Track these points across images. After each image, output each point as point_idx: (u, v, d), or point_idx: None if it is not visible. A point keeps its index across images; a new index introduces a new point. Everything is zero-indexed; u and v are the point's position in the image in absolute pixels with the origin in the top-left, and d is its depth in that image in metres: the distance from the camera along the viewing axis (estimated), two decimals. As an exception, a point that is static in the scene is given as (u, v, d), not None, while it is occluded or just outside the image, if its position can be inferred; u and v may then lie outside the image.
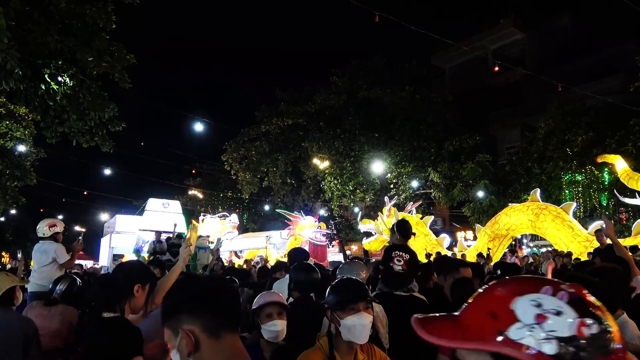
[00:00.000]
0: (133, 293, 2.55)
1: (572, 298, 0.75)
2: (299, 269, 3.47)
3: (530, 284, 0.79)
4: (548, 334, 0.72)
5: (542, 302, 0.75)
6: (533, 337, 0.73)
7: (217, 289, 1.32)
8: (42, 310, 4.24)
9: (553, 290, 0.77)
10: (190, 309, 1.24)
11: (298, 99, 26.23)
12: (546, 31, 27.11)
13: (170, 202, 21.68)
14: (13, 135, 15.24)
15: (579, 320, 0.73)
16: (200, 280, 1.36)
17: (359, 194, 23.42)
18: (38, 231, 6.18)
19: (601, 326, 0.73)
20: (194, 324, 1.22)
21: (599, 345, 0.72)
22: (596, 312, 0.75)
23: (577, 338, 0.71)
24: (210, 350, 1.21)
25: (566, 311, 0.74)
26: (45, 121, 8.34)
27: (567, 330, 0.72)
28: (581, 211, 17.08)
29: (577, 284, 0.80)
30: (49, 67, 7.59)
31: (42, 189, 23.76)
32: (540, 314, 0.74)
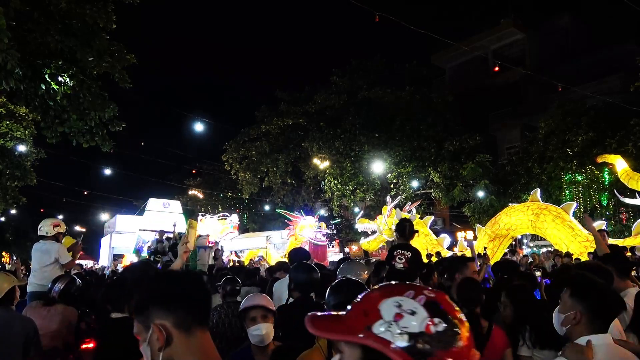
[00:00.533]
0: None
1: (428, 302, 0.89)
2: (299, 269, 3.48)
3: (399, 289, 0.93)
4: (402, 329, 0.86)
5: (403, 303, 0.90)
6: (391, 332, 0.86)
7: (188, 284, 1.33)
8: (41, 310, 4.24)
9: (415, 294, 0.91)
10: (162, 304, 1.25)
11: (298, 99, 26.25)
12: (546, 31, 27.10)
13: (170, 202, 21.70)
14: (13, 135, 15.24)
15: (428, 319, 0.87)
16: (173, 275, 1.37)
17: (359, 194, 23.41)
18: (40, 230, 6.07)
19: (447, 326, 0.87)
20: (166, 318, 1.23)
21: (442, 340, 0.85)
22: (449, 314, 0.88)
23: (424, 334, 0.85)
24: (181, 345, 1.22)
25: (420, 312, 0.88)
26: (45, 121, 8.34)
27: (417, 327, 0.86)
28: (581, 211, 17.06)
29: (440, 291, 0.95)
30: (49, 67, 7.59)
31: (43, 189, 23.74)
32: (399, 313, 0.88)
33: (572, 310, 2.09)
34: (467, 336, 0.89)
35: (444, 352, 0.85)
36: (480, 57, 25.33)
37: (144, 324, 1.25)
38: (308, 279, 3.37)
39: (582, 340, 1.98)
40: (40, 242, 6.04)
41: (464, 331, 0.89)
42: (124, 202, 30.88)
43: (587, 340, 1.95)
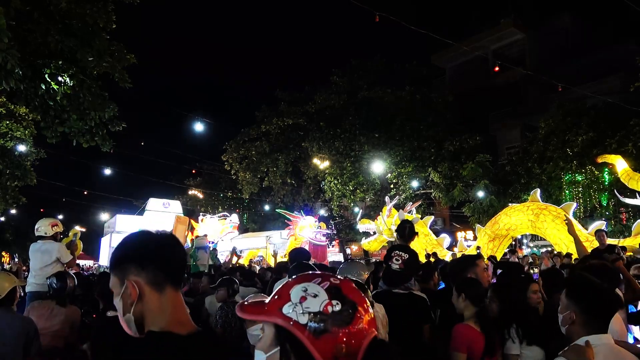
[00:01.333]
0: None
1: (331, 287, 1.04)
2: (296, 269, 3.53)
3: (309, 277, 1.08)
4: (304, 309, 1.01)
5: (309, 288, 1.05)
6: (295, 312, 1.01)
7: (164, 245, 1.38)
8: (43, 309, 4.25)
9: (321, 281, 1.06)
10: (137, 261, 1.31)
11: (298, 99, 26.24)
12: (546, 31, 27.09)
13: (170, 202, 21.69)
14: (13, 135, 15.24)
15: (327, 301, 1.01)
16: (150, 235, 1.40)
17: (359, 194, 23.41)
18: (38, 230, 6.03)
19: (344, 307, 1.01)
20: (139, 275, 1.30)
21: (338, 319, 1.00)
22: (348, 298, 1.03)
23: (322, 313, 1.00)
24: (152, 302, 1.29)
25: (321, 295, 1.02)
26: (45, 121, 8.33)
27: (317, 307, 1.01)
28: (581, 211, 17.08)
29: (347, 280, 1.10)
30: (49, 67, 7.59)
31: (42, 188, 23.77)
32: (303, 296, 1.03)
33: (567, 310, 2.11)
34: (366, 319, 1.03)
35: (339, 329, 0.99)
36: (480, 57, 25.33)
37: (120, 279, 1.31)
38: None
39: (582, 340, 1.98)
40: (39, 242, 6.00)
41: (363, 314, 1.03)
42: (124, 202, 30.90)
43: (585, 341, 1.95)
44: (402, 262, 3.39)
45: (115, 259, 1.35)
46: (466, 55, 27.12)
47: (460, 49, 25.36)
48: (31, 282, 5.86)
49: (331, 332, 0.99)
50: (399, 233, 4.52)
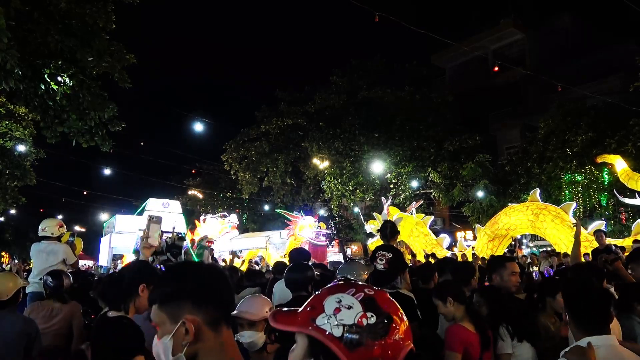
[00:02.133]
0: (138, 292, 2.54)
1: (366, 298, 1.03)
2: (292, 269, 3.58)
3: (343, 287, 1.06)
4: (339, 321, 1.00)
5: (343, 299, 1.03)
6: (329, 324, 1.00)
7: (219, 280, 1.30)
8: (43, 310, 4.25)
9: (355, 292, 1.04)
10: (194, 298, 1.22)
11: (298, 99, 26.23)
12: (546, 31, 27.08)
13: (170, 202, 21.65)
14: (13, 135, 15.24)
15: (362, 313, 1.00)
16: (203, 268, 1.34)
17: (359, 194, 23.41)
18: (45, 230, 5.98)
19: (379, 320, 1.00)
20: (197, 314, 1.21)
21: (372, 332, 0.99)
22: (383, 310, 1.02)
23: (357, 325, 0.99)
24: (209, 342, 1.21)
25: (355, 307, 1.01)
26: (45, 121, 8.32)
27: (351, 319, 1.00)
28: (581, 211, 17.08)
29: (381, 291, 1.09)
30: (48, 67, 7.59)
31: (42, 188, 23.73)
32: (338, 308, 1.02)
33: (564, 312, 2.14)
34: (401, 330, 1.02)
35: (374, 342, 0.98)
36: (480, 57, 25.33)
37: (170, 316, 1.22)
38: (299, 278, 3.46)
39: (584, 341, 1.98)
40: (44, 242, 5.95)
41: (399, 325, 1.03)
42: (124, 202, 30.88)
43: (587, 342, 1.96)
44: (386, 262, 3.46)
45: (167, 294, 1.25)
46: (466, 55, 27.12)
47: (460, 49, 25.37)
48: (33, 282, 5.76)
49: (366, 345, 0.98)
50: (382, 233, 4.62)
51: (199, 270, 1.32)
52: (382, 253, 3.52)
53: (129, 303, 2.52)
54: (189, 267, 1.35)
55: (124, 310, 2.51)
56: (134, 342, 2.34)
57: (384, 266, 3.45)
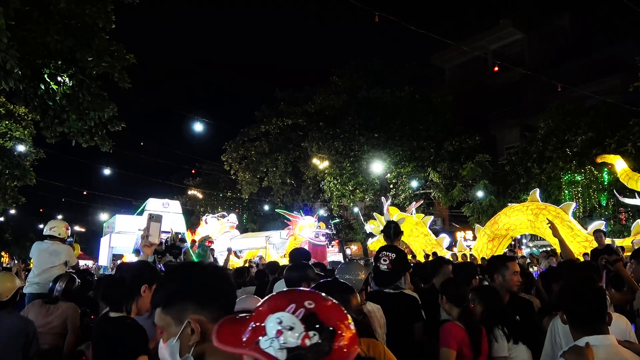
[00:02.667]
0: (140, 293, 2.54)
1: (307, 314, 0.98)
2: (291, 268, 3.60)
3: (282, 303, 1.01)
4: (282, 345, 0.95)
5: (283, 319, 0.98)
6: (273, 348, 0.96)
7: (221, 279, 1.31)
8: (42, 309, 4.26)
9: (296, 307, 0.99)
10: (198, 298, 1.23)
11: (298, 99, 26.24)
12: (546, 31, 27.08)
13: (170, 202, 21.67)
14: (12, 135, 15.26)
15: (304, 333, 0.95)
16: (206, 268, 1.34)
17: (359, 194, 23.41)
18: (53, 230, 5.96)
19: (322, 336, 0.96)
20: (202, 313, 1.21)
21: (317, 350, 0.95)
22: (326, 325, 0.97)
23: (300, 347, 0.94)
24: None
25: (297, 327, 0.97)
26: (44, 121, 8.32)
27: (294, 341, 0.95)
28: (580, 211, 17.08)
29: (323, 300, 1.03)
30: (48, 67, 7.59)
31: (42, 188, 23.78)
32: (280, 330, 0.97)
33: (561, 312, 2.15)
34: (346, 338, 0.99)
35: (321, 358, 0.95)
36: (480, 57, 25.30)
37: (175, 318, 1.22)
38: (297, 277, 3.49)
39: (583, 341, 1.98)
40: (47, 242, 5.93)
41: (344, 336, 0.99)
42: (124, 202, 30.86)
43: (585, 342, 1.96)
44: (389, 262, 3.46)
45: (170, 297, 1.25)
46: (466, 55, 27.10)
47: (460, 49, 25.35)
48: (33, 282, 5.74)
49: None
50: (385, 234, 4.62)
51: (201, 270, 1.32)
52: (385, 253, 3.52)
53: (131, 304, 2.52)
54: (190, 268, 1.35)
55: (125, 311, 2.51)
56: (137, 342, 2.35)
57: (388, 266, 3.45)
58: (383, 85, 23.60)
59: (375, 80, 24.60)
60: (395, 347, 2.47)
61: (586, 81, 20.59)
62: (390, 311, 3.17)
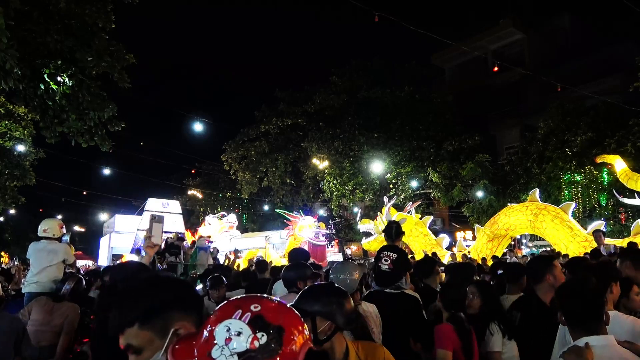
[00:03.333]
0: None
1: (253, 317, 1.01)
2: (289, 267, 3.61)
3: (228, 311, 1.03)
4: (232, 351, 0.97)
5: (231, 326, 1.00)
6: (224, 355, 0.97)
7: (188, 286, 1.38)
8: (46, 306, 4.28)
9: (242, 313, 1.02)
10: (181, 305, 1.25)
11: (298, 99, 26.25)
12: (546, 31, 27.08)
13: (169, 202, 21.66)
14: (12, 135, 15.25)
15: (252, 336, 0.98)
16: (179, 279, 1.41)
17: (359, 194, 23.42)
18: (46, 231, 6.02)
19: (270, 336, 0.99)
20: (187, 320, 1.22)
21: (266, 350, 0.98)
22: (273, 324, 1.01)
23: (250, 350, 0.97)
24: None
25: (245, 331, 0.99)
26: (44, 121, 8.33)
27: (243, 346, 0.97)
28: (580, 211, 17.08)
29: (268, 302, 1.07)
30: (48, 67, 7.59)
31: (41, 188, 23.74)
32: (228, 337, 0.99)
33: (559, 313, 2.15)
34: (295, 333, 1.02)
35: (271, 358, 0.98)
36: (479, 57, 25.29)
37: (158, 331, 1.20)
38: (296, 276, 3.49)
39: (582, 341, 1.98)
40: (44, 241, 5.99)
41: (292, 332, 1.02)
42: (123, 201, 30.81)
43: (585, 342, 1.96)
44: (390, 262, 3.44)
45: (148, 311, 1.22)
46: (466, 56, 27.09)
47: (460, 49, 25.34)
48: (32, 281, 5.77)
49: None
50: (386, 234, 4.61)
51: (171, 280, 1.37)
52: (386, 253, 3.50)
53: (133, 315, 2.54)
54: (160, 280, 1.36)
55: None
56: None
57: (389, 266, 3.44)
58: (383, 85, 23.61)
59: (375, 80, 24.60)
60: (396, 347, 2.46)
61: (586, 81, 20.59)
62: (391, 311, 3.17)
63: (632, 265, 3.27)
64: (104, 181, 31.46)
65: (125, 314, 1.24)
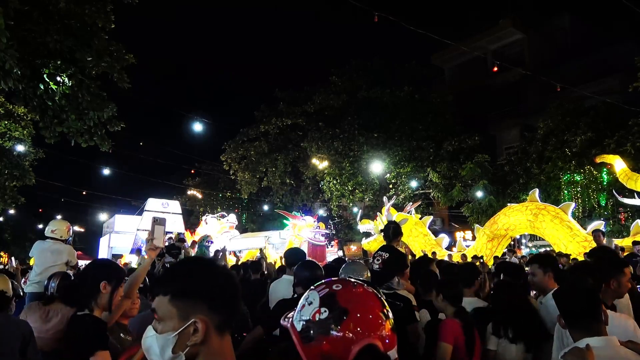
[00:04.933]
0: (100, 290, 2.55)
1: (327, 294, 1.10)
2: (303, 267, 3.59)
3: (321, 285, 1.15)
4: (301, 317, 1.10)
5: (310, 296, 1.12)
6: (296, 320, 1.11)
7: (236, 286, 1.27)
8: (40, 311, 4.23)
9: (324, 287, 1.12)
10: (210, 300, 1.19)
11: (297, 99, 26.25)
12: (546, 31, 27.08)
13: (169, 202, 21.66)
14: (12, 135, 15.25)
15: (317, 309, 1.07)
16: (221, 270, 1.28)
17: (358, 194, 23.41)
18: (55, 232, 6.00)
19: (331, 315, 1.05)
20: (210, 316, 1.18)
21: (322, 327, 1.05)
22: (340, 305, 1.06)
23: (310, 321, 1.07)
24: (213, 346, 1.18)
25: (314, 303, 1.09)
26: (44, 121, 8.32)
27: (308, 315, 1.08)
28: (580, 211, 17.08)
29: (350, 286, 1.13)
30: (48, 67, 7.58)
31: (41, 188, 23.75)
32: (304, 304, 1.12)
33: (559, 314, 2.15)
34: (360, 324, 1.05)
35: (323, 336, 1.04)
36: (479, 57, 25.28)
37: (181, 312, 1.17)
38: (311, 276, 3.48)
39: (583, 342, 1.98)
40: (49, 241, 5.99)
41: (356, 321, 1.05)
42: (123, 202, 30.84)
43: (586, 344, 1.96)
44: (381, 262, 3.44)
45: (182, 290, 1.20)
46: (465, 56, 27.08)
47: (460, 49, 25.33)
48: (34, 281, 5.74)
49: (316, 339, 1.04)
50: (384, 234, 4.60)
51: (217, 271, 1.28)
52: (379, 253, 3.54)
53: (91, 302, 2.53)
54: (208, 266, 1.29)
55: (87, 309, 2.54)
56: (95, 338, 2.37)
57: (379, 266, 3.45)
58: (383, 85, 23.60)
59: (375, 80, 24.60)
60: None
61: (586, 81, 20.59)
62: None
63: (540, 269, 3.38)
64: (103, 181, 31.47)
65: (163, 281, 1.25)
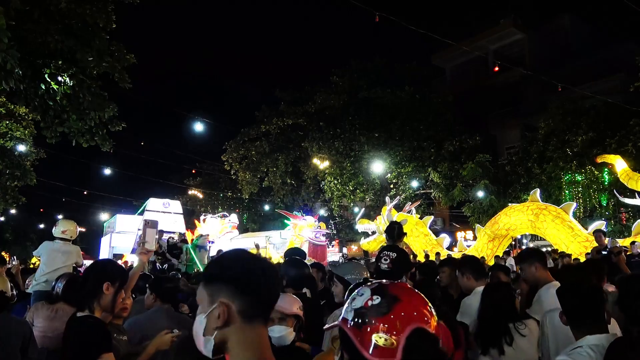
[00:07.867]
0: (103, 291, 2.53)
1: (378, 287, 1.19)
2: (290, 265, 3.54)
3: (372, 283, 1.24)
4: (352, 307, 1.17)
5: (360, 290, 1.21)
6: (347, 311, 1.19)
7: (270, 276, 1.26)
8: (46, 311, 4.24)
9: (375, 284, 1.21)
10: (236, 284, 1.19)
11: (298, 99, 26.26)
12: (546, 31, 27.07)
13: (170, 201, 21.64)
14: (13, 135, 15.26)
15: (369, 298, 1.15)
16: (257, 260, 1.29)
17: (359, 194, 23.40)
18: (65, 233, 5.98)
19: (383, 300, 1.14)
20: (233, 300, 1.18)
21: (376, 311, 1.13)
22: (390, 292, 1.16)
23: (363, 307, 1.15)
24: (238, 333, 1.18)
25: (365, 294, 1.18)
26: (45, 121, 8.34)
27: (360, 303, 1.16)
28: (581, 211, 17.07)
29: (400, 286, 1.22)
30: (49, 67, 7.60)
31: (42, 188, 23.76)
32: (354, 297, 1.20)
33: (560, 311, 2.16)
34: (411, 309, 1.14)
35: (376, 318, 1.11)
36: (480, 57, 25.29)
37: (210, 296, 1.20)
38: (299, 275, 3.43)
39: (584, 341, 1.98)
40: (59, 242, 5.97)
41: (406, 305, 1.14)
42: (124, 201, 30.84)
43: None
44: (390, 262, 3.43)
45: (210, 274, 1.25)
46: (466, 55, 27.09)
47: (460, 49, 25.33)
48: (41, 280, 5.70)
49: (369, 322, 1.11)
50: (388, 234, 4.60)
51: (248, 258, 1.28)
52: (386, 253, 3.49)
53: (93, 302, 2.51)
54: (239, 253, 1.31)
55: (88, 310, 2.52)
56: (99, 341, 2.35)
57: (389, 266, 3.44)
58: (383, 85, 23.58)
59: (375, 80, 24.58)
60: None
61: (586, 81, 20.57)
62: None
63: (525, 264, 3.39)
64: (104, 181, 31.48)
65: (205, 269, 1.33)
